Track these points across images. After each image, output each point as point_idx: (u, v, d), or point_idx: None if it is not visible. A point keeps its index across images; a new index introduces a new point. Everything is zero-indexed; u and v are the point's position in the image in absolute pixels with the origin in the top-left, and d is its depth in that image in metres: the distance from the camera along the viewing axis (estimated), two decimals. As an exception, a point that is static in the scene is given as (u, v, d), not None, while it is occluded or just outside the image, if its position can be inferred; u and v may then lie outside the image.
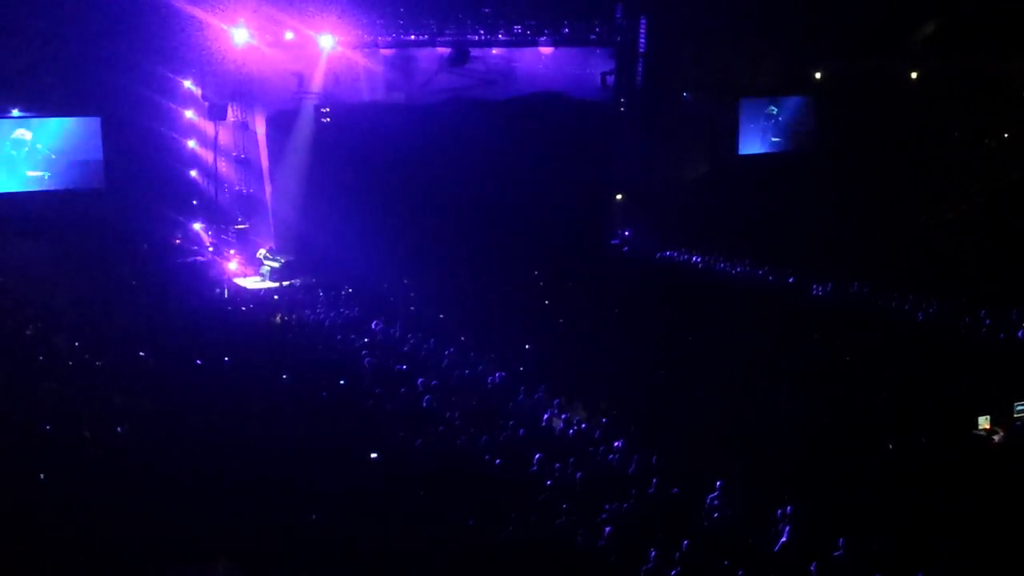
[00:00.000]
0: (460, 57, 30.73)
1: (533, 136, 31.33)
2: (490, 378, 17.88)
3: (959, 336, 20.92)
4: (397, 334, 21.16)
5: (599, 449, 14.49)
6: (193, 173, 29.90)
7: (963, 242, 29.63)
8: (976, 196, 33.49)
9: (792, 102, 37.53)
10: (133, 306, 23.69)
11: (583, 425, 15.57)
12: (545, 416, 15.87)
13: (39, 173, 28.60)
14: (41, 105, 28.30)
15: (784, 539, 11.75)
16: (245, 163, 29.51)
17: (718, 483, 12.91)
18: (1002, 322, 21.16)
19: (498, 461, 13.91)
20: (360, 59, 30.51)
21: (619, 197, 34.45)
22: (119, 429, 15.20)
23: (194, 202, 29.98)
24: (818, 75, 36.79)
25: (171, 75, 29.05)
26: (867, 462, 14.05)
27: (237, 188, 29.75)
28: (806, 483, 13.09)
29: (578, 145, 32.51)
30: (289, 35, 28.30)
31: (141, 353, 19.38)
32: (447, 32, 30.52)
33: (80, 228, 27.94)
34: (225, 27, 27.51)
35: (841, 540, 11.36)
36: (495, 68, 32.51)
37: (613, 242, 34.07)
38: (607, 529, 11.93)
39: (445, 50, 30.83)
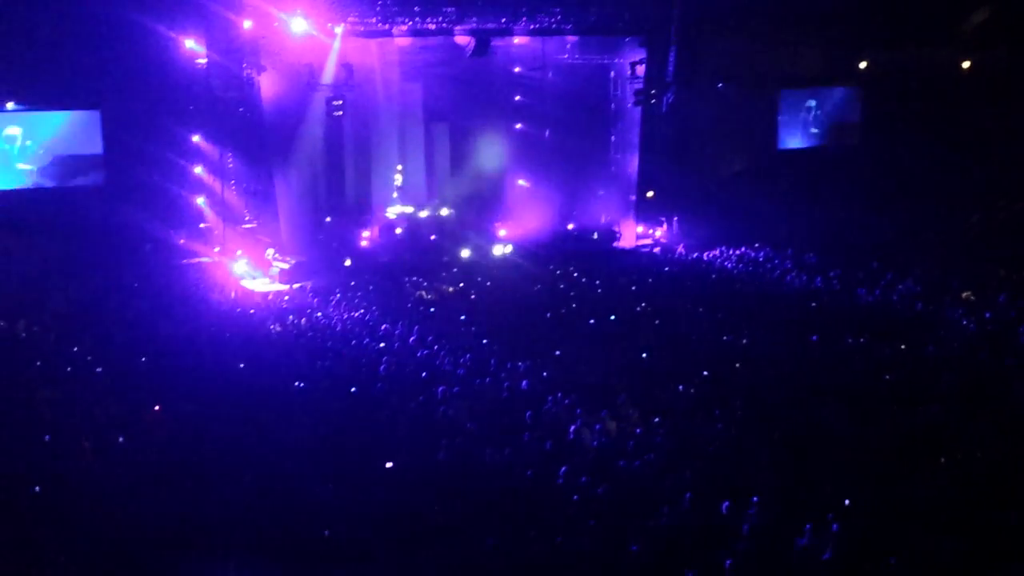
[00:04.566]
0: (480, 47, 29.71)
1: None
2: (507, 383, 17.01)
3: (1015, 343, 19.68)
4: (414, 339, 20.30)
5: (631, 463, 13.76)
6: (199, 170, 29.01)
7: (1019, 242, 28.23)
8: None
9: (836, 93, 36.52)
10: (135, 309, 23.12)
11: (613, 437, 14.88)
12: (572, 427, 15.13)
13: (29, 167, 27.69)
14: (38, 99, 27.36)
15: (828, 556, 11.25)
16: (253, 159, 28.57)
17: (754, 499, 12.16)
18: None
19: (529, 473, 13.33)
20: (374, 48, 29.74)
21: (650, 194, 33.50)
22: (120, 439, 14.93)
23: (200, 200, 29.07)
24: (863, 64, 35.69)
25: (177, 67, 27.99)
26: (918, 478, 13.30)
27: (245, 185, 28.81)
28: (852, 499, 12.39)
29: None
30: (299, 23, 27.41)
31: (143, 359, 18.87)
32: (467, 20, 29.39)
33: (79, 227, 27.04)
34: (233, 15, 26.75)
35: (892, 560, 10.93)
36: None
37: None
38: (635, 547, 11.41)
39: (464, 39, 29.86)
